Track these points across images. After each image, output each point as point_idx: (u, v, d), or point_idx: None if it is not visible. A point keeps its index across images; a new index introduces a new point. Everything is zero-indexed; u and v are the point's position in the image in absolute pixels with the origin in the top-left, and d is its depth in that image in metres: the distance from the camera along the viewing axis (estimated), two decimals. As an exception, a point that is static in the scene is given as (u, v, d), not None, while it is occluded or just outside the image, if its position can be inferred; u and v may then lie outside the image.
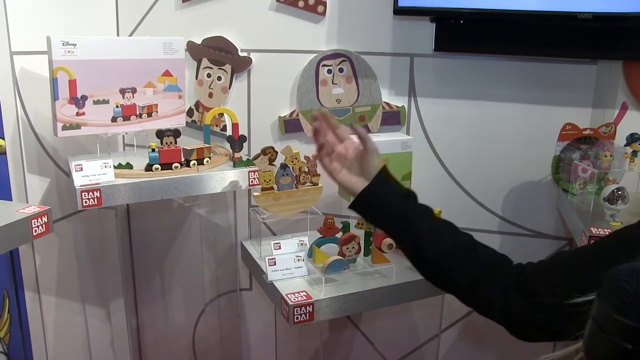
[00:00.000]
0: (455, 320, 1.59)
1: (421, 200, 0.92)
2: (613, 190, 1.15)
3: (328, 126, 0.97)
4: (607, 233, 1.06)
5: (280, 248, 1.26)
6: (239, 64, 1.54)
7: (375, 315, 1.66)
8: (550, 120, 1.38)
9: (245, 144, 1.40)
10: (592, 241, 1.05)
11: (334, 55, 1.48)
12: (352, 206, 0.95)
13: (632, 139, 1.24)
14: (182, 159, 1.32)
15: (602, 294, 0.51)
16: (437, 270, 0.88)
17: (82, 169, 1.22)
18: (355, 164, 0.96)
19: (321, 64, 1.49)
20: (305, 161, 1.28)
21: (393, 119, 1.49)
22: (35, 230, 1.18)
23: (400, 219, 0.90)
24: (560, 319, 0.72)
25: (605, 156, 1.23)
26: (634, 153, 1.23)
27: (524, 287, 0.79)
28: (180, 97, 1.46)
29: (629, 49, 1.28)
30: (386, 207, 0.92)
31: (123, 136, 1.59)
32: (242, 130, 1.45)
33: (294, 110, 1.53)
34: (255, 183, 1.36)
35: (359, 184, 0.94)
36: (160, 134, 1.30)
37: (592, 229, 1.07)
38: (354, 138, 0.97)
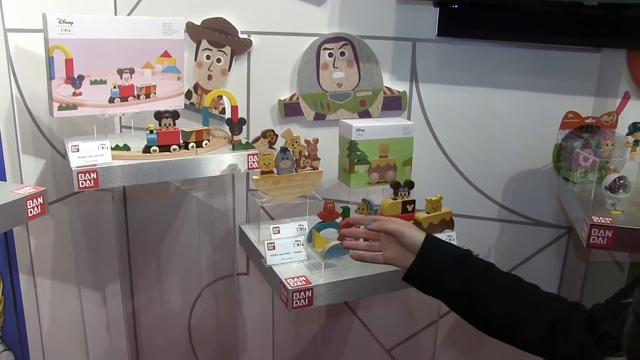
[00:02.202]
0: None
1: (420, 185, 0.92)
2: (615, 179, 1.14)
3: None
4: (609, 221, 1.06)
5: (279, 232, 1.26)
6: (239, 46, 1.51)
7: (373, 301, 1.65)
8: (552, 108, 1.37)
9: (244, 127, 1.38)
10: (592, 230, 1.05)
11: (336, 38, 1.46)
12: (405, 279, 0.99)
13: (634, 128, 1.24)
14: (181, 141, 1.31)
15: None
16: (502, 329, 0.88)
17: (78, 150, 1.20)
18: (389, 242, 1.01)
19: (322, 47, 1.46)
20: (306, 145, 1.27)
21: (394, 104, 1.48)
22: (31, 212, 1.16)
23: (455, 285, 0.92)
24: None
25: (607, 145, 1.23)
26: (636, 142, 1.23)
27: (592, 328, 0.79)
28: (179, 78, 1.44)
29: (633, 37, 1.27)
30: (438, 276, 0.95)
31: (120, 117, 1.57)
32: (242, 113, 1.43)
33: (294, 94, 1.51)
34: (255, 166, 1.35)
35: (406, 257, 0.97)
36: (159, 115, 1.28)
37: (593, 217, 1.07)
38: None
